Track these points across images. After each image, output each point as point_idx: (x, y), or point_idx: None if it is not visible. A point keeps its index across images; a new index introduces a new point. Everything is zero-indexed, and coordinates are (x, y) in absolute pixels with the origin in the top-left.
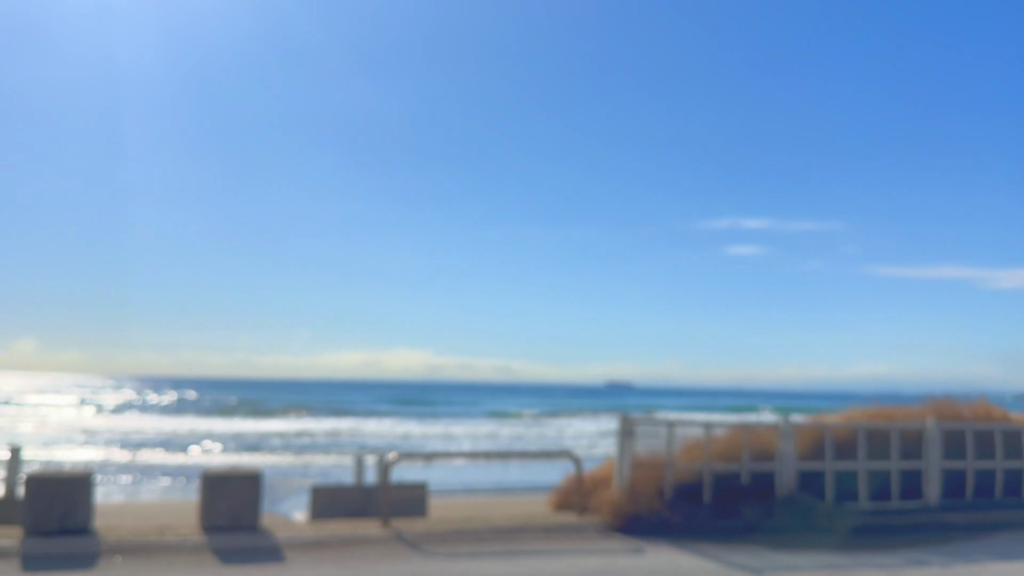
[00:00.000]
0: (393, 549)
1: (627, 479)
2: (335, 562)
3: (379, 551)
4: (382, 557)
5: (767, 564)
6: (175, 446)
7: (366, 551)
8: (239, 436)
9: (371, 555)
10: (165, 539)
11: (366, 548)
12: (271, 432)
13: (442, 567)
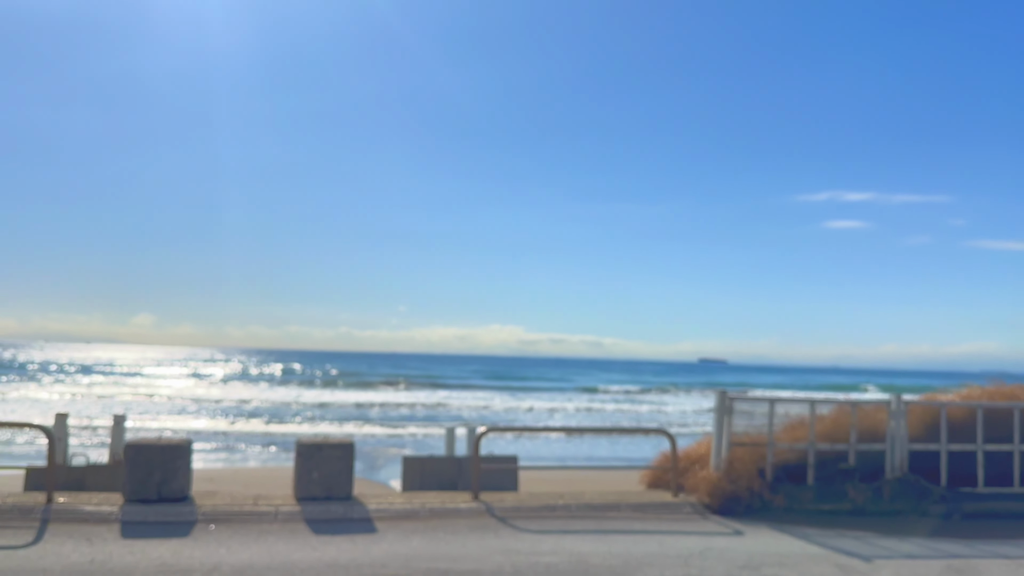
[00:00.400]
0: (483, 523)
1: (725, 458)
2: (425, 535)
3: (469, 524)
4: (472, 531)
5: (877, 551)
6: (278, 416)
7: (456, 524)
8: (339, 406)
9: (461, 528)
10: (259, 508)
11: (456, 521)
12: (369, 403)
13: (532, 543)
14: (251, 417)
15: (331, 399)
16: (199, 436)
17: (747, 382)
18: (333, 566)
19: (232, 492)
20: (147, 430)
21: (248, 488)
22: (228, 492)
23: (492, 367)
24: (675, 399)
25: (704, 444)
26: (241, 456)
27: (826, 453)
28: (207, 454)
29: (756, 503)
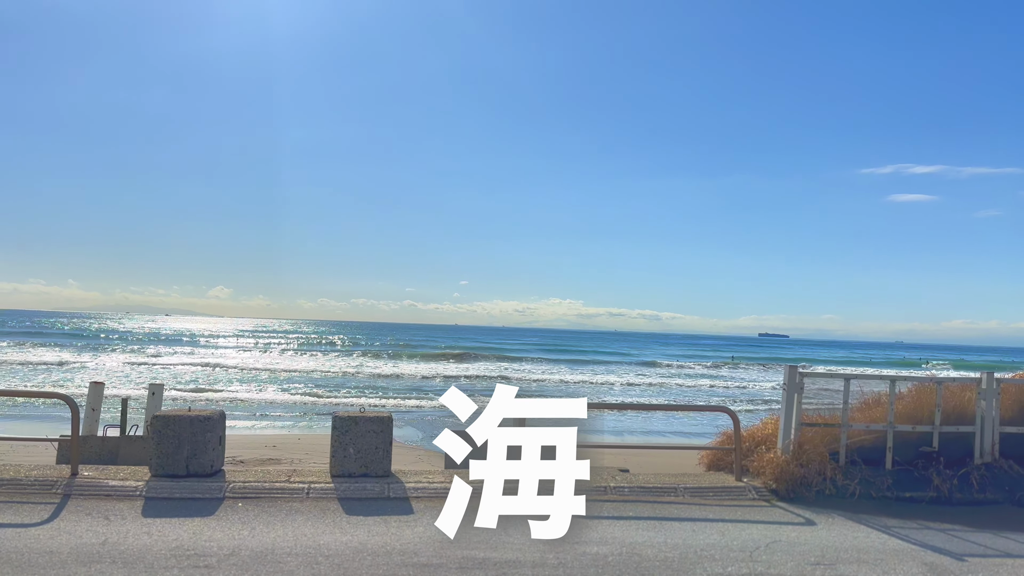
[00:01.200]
0: None
1: (794, 439)
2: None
3: None
4: None
5: (969, 547)
6: (342, 386)
7: None
8: (404, 377)
9: None
10: (291, 485)
11: None
12: (433, 374)
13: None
14: (316, 386)
15: (396, 370)
16: (263, 405)
17: (809, 357)
18: (360, 552)
19: (267, 468)
20: (199, 401)
21: (310, 456)
22: (262, 468)
23: (551, 340)
24: (737, 374)
25: (770, 423)
26: (306, 425)
27: (906, 435)
28: (273, 421)
29: (827, 489)
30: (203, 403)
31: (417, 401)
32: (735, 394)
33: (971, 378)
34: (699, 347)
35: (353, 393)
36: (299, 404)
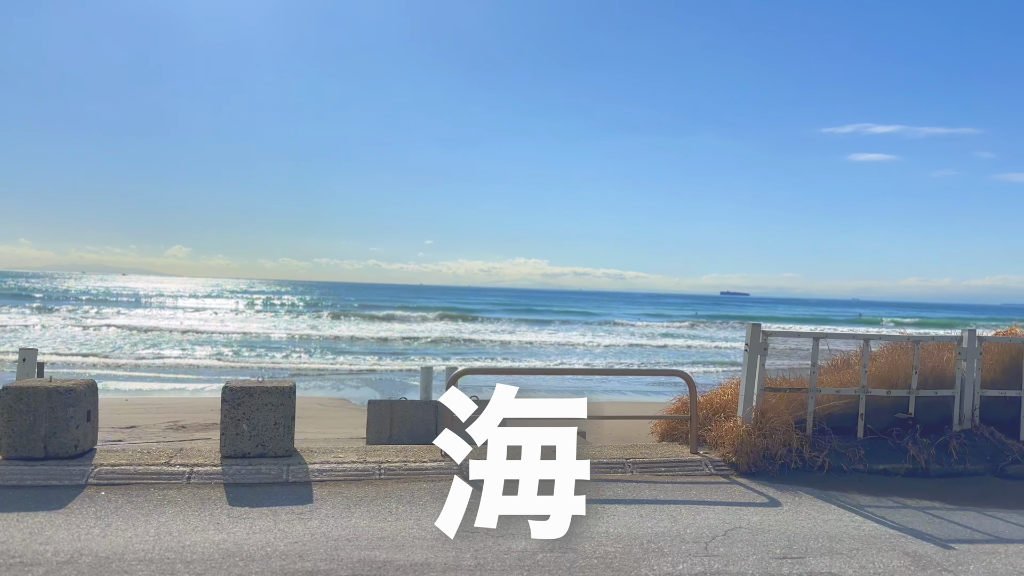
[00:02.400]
0: (445, 488)
1: (756, 406)
2: (372, 506)
3: (433, 490)
4: (435, 500)
5: (954, 531)
6: (292, 348)
7: (417, 490)
8: (360, 339)
9: (422, 496)
10: (171, 468)
11: (417, 486)
12: (393, 335)
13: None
14: (263, 349)
15: (355, 331)
16: (198, 370)
17: (770, 315)
18: (232, 556)
19: (150, 448)
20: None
21: (171, 441)
22: (144, 448)
23: (517, 300)
24: (698, 333)
25: (730, 389)
26: (200, 393)
27: (880, 400)
28: (206, 384)
29: (793, 462)
30: (99, 370)
31: (376, 362)
32: (699, 355)
33: (949, 336)
34: (662, 306)
35: (308, 355)
36: (227, 368)
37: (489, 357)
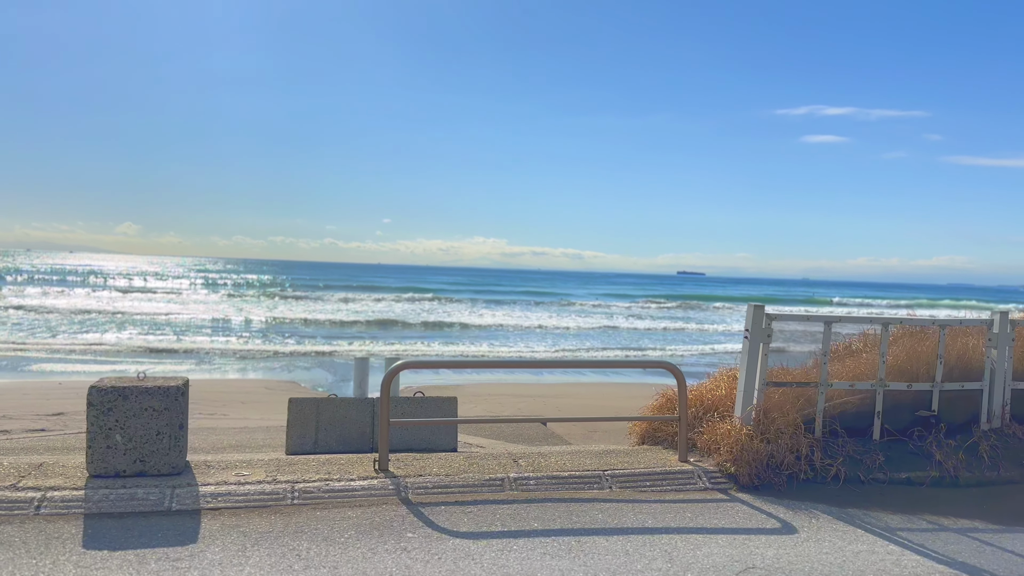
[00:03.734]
0: (382, 518)
1: (757, 403)
2: (277, 546)
3: (359, 521)
4: (360, 536)
5: (1013, 565)
6: (218, 330)
7: (339, 521)
8: (314, 322)
9: (344, 530)
10: (17, 494)
11: (340, 514)
12: (350, 319)
13: (454, 562)
14: (209, 331)
15: (306, 313)
16: (136, 353)
17: (727, 295)
18: None
19: (7, 463)
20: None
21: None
22: (8, 463)
23: (477, 279)
24: (668, 315)
25: (723, 382)
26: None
27: (899, 396)
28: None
29: (803, 472)
30: (35, 352)
31: (328, 345)
32: (677, 339)
33: (977, 320)
34: (623, 285)
35: (255, 336)
36: (165, 351)
37: (448, 341)
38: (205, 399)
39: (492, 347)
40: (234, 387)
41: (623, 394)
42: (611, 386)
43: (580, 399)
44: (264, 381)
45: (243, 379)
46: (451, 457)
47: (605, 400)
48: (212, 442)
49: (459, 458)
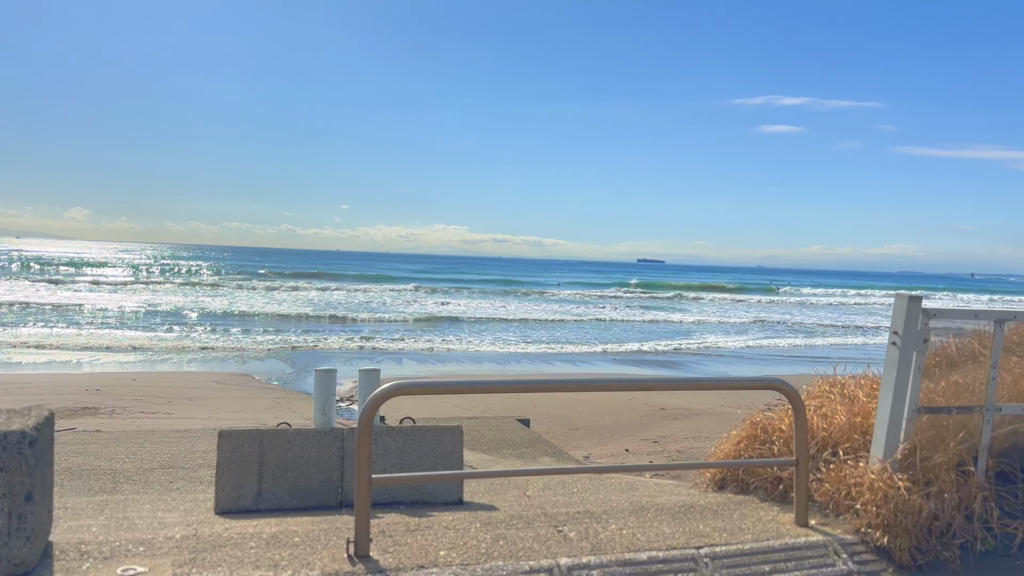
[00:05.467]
0: None
1: (908, 438)
2: None
3: None
4: None
5: None
6: (169, 321)
7: None
8: (258, 315)
9: None
10: None
11: None
12: (278, 313)
13: None
14: (158, 322)
15: (257, 302)
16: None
17: (688, 283)
18: None
19: None
20: None
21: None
22: None
23: (436, 266)
24: (640, 304)
25: (835, 404)
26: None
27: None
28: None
29: (981, 540)
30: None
31: (284, 337)
32: (671, 333)
33: None
34: (587, 273)
35: (205, 327)
36: (102, 347)
37: (422, 335)
38: (149, 395)
39: (471, 344)
40: (182, 381)
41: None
42: (583, 375)
43: (555, 393)
44: (215, 374)
45: (192, 372)
46: (461, 523)
47: (580, 393)
48: (138, 460)
49: (474, 525)
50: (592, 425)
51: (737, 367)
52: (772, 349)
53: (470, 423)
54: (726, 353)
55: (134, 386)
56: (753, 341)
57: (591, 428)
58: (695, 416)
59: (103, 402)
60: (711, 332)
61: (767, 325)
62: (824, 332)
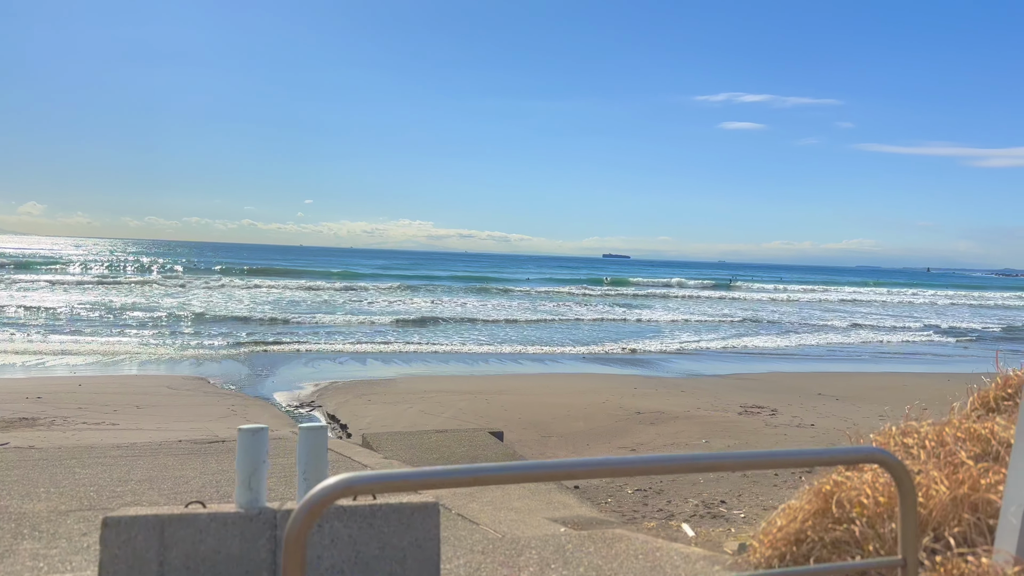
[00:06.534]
0: None
1: None
2: None
3: None
4: None
5: None
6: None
7: None
8: (204, 316)
9: None
10: None
11: None
12: (231, 316)
13: None
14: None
15: (214, 301)
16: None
17: (652, 278)
18: None
19: None
20: None
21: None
22: None
23: (402, 262)
24: (613, 303)
25: (929, 467)
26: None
27: None
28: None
29: None
30: None
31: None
32: (643, 333)
33: None
34: (555, 268)
35: (158, 329)
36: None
37: (386, 334)
38: (95, 403)
39: (440, 345)
40: (132, 386)
41: (567, 387)
42: (553, 378)
43: (525, 395)
44: (168, 378)
45: (144, 376)
46: None
47: (553, 395)
48: (58, 496)
49: None
50: (567, 432)
51: (713, 364)
52: (752, 350)
53: (438, 437)
54: (707, 354)
55: (79, 393)
56: (728, 341)
57: (565, 435)
58: (672, 420)
59: (43, 412)
60: (682, 330)
61: (737, 323)
62: (797, 329)
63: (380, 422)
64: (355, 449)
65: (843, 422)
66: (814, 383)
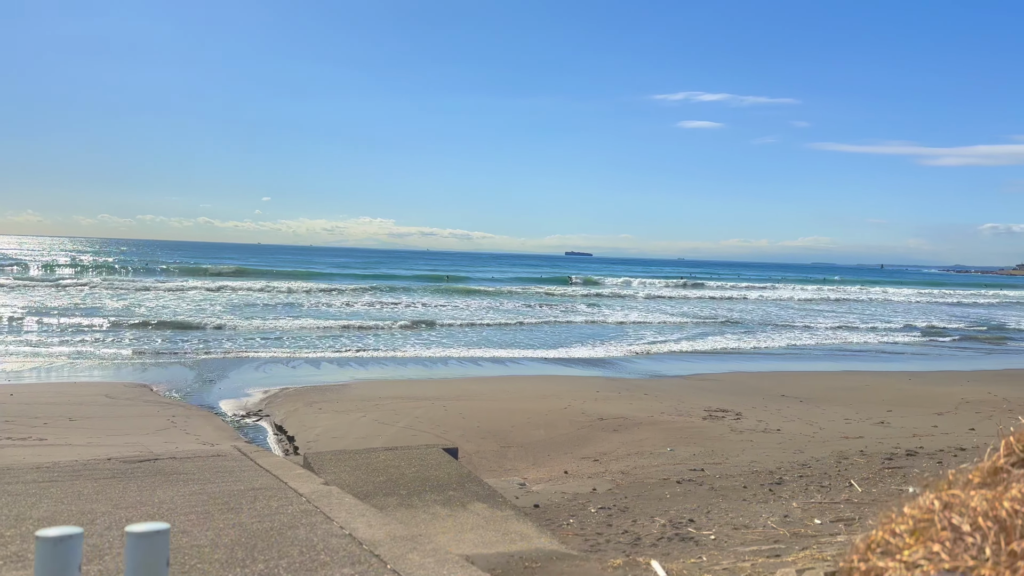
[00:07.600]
0: None
1: None
2: None
3: None
4: None
5: None
6: (49, 325)
7: None
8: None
9: None
10: None
11: None
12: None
13: None
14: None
15: (164, 302)
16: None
17: (612, 274)
18: None
19: None
20: None
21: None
22: None
23: (363, 260)
24: (584, 302)
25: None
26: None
27: None
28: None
29: None
30: None
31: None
32: (616, 335)
33: None
34: (520, 267)
35: (97, 333)
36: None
37: (343, 337)
38: (24, 414)
39: (415, 348)
40: (68, 395)
41: (528, 391)
42: (514, 381)
43: (484, 401)
44: (108, 385)
45: (82, 383)
46: None
47: (513, 401)
48: None
49: None
50: (527, 441)
51: (675, 365)
52: (714, 350)
53: (387, 456)
54: (669, 355)
55: (9, 403)
56: (691, 342)
57: (525, 445)
58: (635, 427)
59: None
60: (644, 329)
61: (699, 322)
62: (758, 328)
63: (330, 434)
64: (294, 472)
65: (809, 426)
66: (776, 384)
